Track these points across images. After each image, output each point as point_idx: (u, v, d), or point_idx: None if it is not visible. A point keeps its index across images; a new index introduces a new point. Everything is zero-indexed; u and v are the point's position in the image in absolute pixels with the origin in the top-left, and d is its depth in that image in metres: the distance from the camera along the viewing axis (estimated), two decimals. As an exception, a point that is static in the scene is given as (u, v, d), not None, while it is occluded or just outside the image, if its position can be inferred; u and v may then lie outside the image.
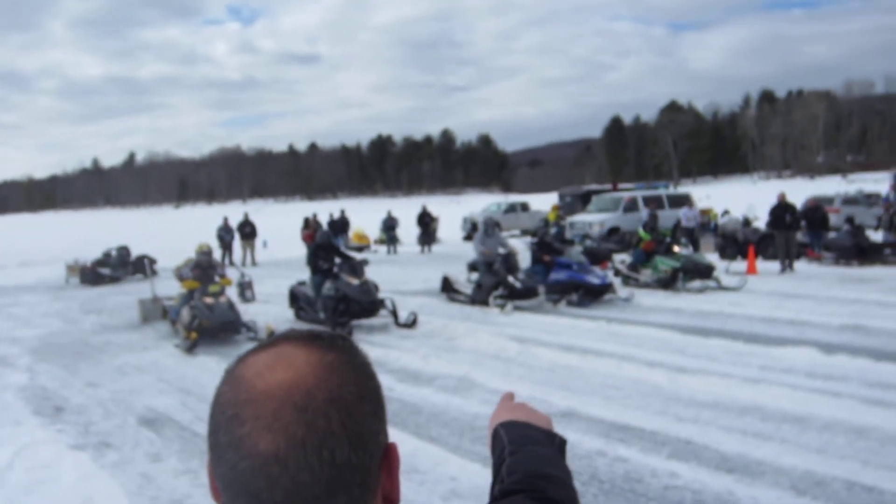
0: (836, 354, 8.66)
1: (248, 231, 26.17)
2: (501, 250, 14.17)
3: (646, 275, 15.64)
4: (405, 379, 8.73)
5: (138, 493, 5.56)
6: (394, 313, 12.24)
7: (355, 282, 12.08)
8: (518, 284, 13.60)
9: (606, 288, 13.83)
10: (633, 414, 6.93)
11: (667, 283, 15.13)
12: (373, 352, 10.19)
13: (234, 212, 38.48)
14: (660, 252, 15.60)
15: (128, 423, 7.51)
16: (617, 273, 16.33)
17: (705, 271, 15.05)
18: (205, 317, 11.28)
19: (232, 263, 24.33)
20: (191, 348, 10.89)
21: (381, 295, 12.43)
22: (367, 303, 11.97)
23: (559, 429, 4.87)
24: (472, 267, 14.91)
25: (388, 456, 0.83)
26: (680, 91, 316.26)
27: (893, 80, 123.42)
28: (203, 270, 12.07)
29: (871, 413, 6.50)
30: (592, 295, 13.71)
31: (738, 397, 7.20)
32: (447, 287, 14.98)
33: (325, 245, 12.86)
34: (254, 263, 25.50)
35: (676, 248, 15.79)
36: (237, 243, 26.16)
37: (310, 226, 25.75)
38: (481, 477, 5.49)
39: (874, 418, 6.34)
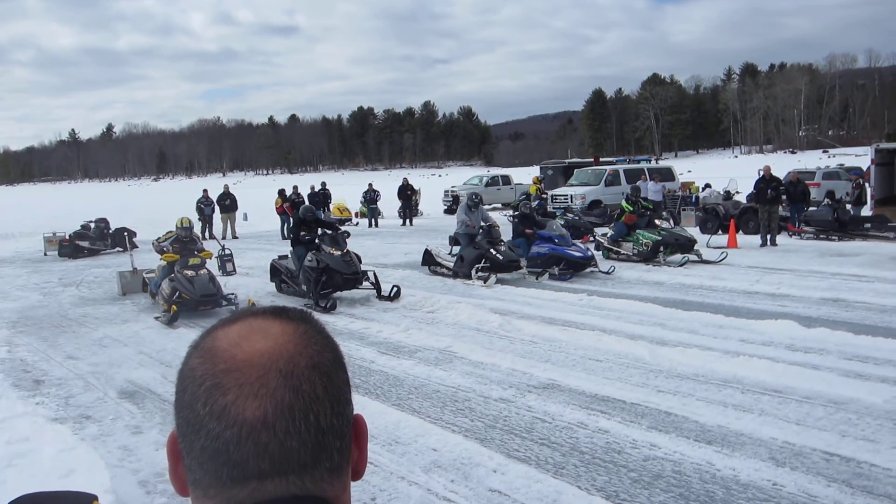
0: (816, 327, 8.73)
1: (228, 204, 25.98)
2: (484, 224, 14.16)
3: (627, 248, 15.66)
4: (387, 351, 8.73)
5: (119, 466, 5.53)
6: (376, 286, 12.16)
7: (337, 253, 11.93)
8: (500, 257, 13.55)
9: (588, 261, 13.86)
10: (613, 386, 6.96)
11: (648, 256, 15.16)
12: (354, 324, 10.26)
13: (213, 184, 38.21)
14: (641, 225, 15.62)
15: (108, 395, 7.46)
16: (599, 247, 16.34)
17: (687, 245, 15.11)
18: (185, 290, 11.17)
19: (212, 236, 24.17)
20: (171, 321, 10.83)
21: (363, 267, 12.33)
22: (349, 273, 11.81)
23: (541, 401, 4.89)
24: (455, 240, 14.82)
25: (357, 426, 0.83)
26: (662, 64, 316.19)
27: (876, 55, 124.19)
28: (183, 244, 11.96)
29: (850, 385, 6.57)
30: (574, 268, 13.75)
31: (718, 370, 7.26)
32: (429, 260, 14.94)
33: (309, 220, 12.69)
34: (234, 236, 25.36)
35: (658, 222, 15.84)
36: (217, 216, 26.00)
37: (288, 198, 25.55)
38: (462, 448, 5.52)
39: (853, 390, 6.41)
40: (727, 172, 34.17)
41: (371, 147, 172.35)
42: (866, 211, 20.68)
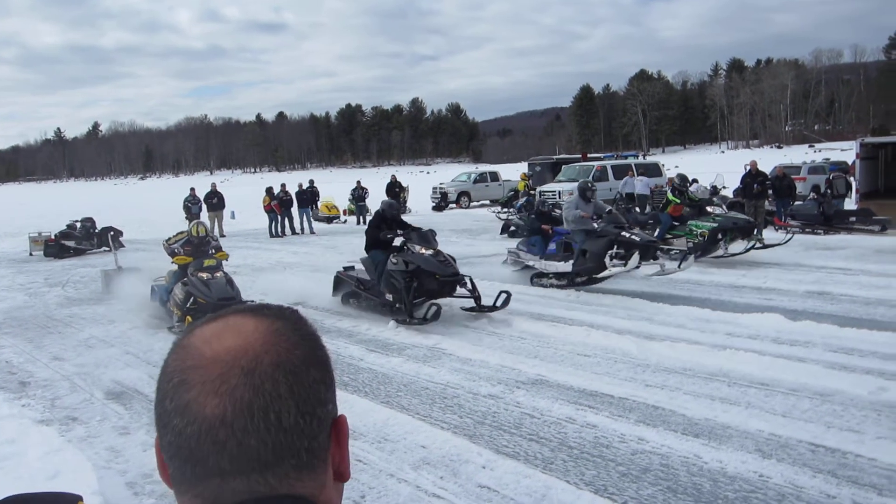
0: (802, 320, 8.79)
1: (215, 202, 25.88)
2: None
3: (681, 244, 14.32)
4: (375, 349, 8.74)
5: (106, 467, 5.51)
6: (474, 293, 10.08)
7: (428, 252, 10.00)
8: (637, 238, 11.58)
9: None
10: (601, 381, 6.98)
11: (706, 247, 13.84)
12: (342, 322, 10.22)
13: (201, 182, 38.08)
14: (690, 216, 14.50)
15: (95, 396, 7.43)
16: None
17: (747, 228, 14.09)
18: (201, 294, 10.02)
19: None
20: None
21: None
22: (447, 276, 9.83)
23: (529, 396, 4.88)
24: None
25: (338, 427, 0.82)
26: (649, 60, 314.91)
27: (861, 50, 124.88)
28: (195, 246, 10.95)
29: (835, 377, 6.61)
30: None
31: (706, 363, 7.29)
32: (537, 276, 13.06)
33: (390, 218, 10.88)
34: (221, 234, 25.25)
35: (710, 209, 14.62)
36: (204, 214, 25.88)
37: (276, 196, 25.48)
38: (451, 445, 5.52)
39: (838, 382, 6.45)
40: (714, 167, 34.24)
41: (359, 144, 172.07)
42: (850, 205, 20.75)
